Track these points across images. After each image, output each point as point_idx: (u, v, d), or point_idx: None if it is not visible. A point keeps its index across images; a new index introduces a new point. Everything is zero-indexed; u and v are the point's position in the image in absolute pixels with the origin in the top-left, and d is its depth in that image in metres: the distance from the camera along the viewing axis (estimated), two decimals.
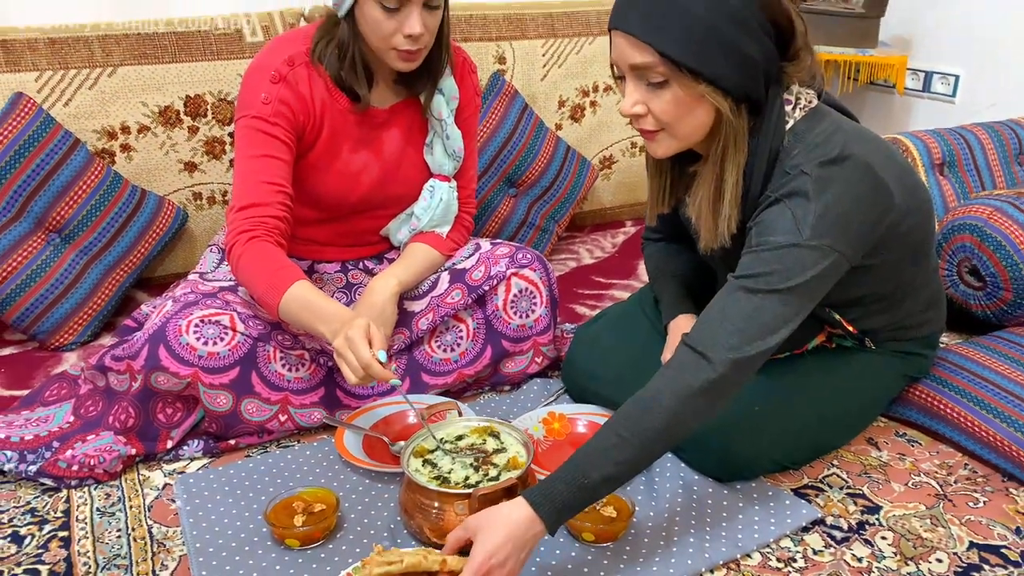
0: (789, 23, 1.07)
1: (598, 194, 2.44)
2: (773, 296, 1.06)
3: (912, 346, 1.36)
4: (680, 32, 1.02)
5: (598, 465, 1.00)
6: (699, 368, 1.03)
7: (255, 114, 1.39)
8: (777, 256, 1.06)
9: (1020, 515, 1.22)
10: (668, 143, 1.13)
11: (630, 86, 1.09)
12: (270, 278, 1.32)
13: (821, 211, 1.05)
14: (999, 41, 2.21)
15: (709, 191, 1.13)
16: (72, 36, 1.80)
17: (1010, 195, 1.69)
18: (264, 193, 1.38)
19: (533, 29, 2.24)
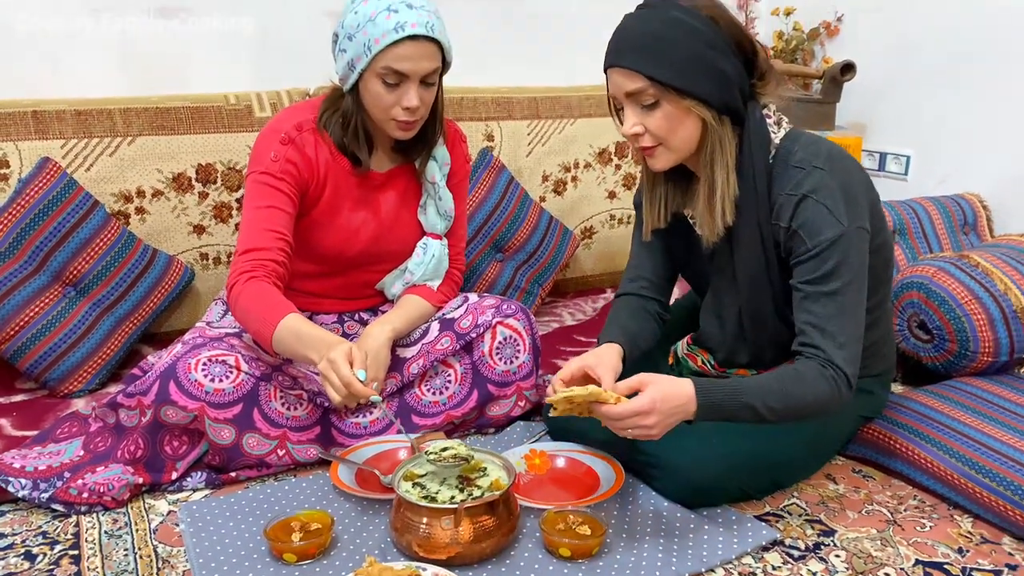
0: (752, 45, 1.29)
1: (579, 262, 2.59)
2: (851, 290, 1.27)
3: (867, 383, 1.49)
4: (663, 59, 1.23)
5: (753, 395, 1.24)
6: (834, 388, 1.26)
7: (264, 170, 1.55)
8: (837, 250, 1.26)
9: (963, 537, 1.33)
10: (665, 156, 1.32)
11: (628, 111, 1.30)
12: (265, 312, 1.44)
13: (844, 196, 1.27)
14: (944, 126, 2.42)
15: (705, 191, 1.32)
16: (97, 108, 1.96)
17: (953, 257, 1.85)
18: (265, 239, 1.51)
19: (519, 111, 2.44)
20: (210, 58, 2.21)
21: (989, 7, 2.28)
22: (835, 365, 1.26)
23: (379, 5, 1.46)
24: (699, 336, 1.51)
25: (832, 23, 2.70)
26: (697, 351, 1.52)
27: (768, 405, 1.24)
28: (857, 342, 1.28)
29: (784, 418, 1.27)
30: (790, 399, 1.25)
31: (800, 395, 1.25)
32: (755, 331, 1.39)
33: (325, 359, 1.34)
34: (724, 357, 1.46)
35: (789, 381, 1.26)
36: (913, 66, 2.49)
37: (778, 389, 1.25)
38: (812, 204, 1.27)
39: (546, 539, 1.25)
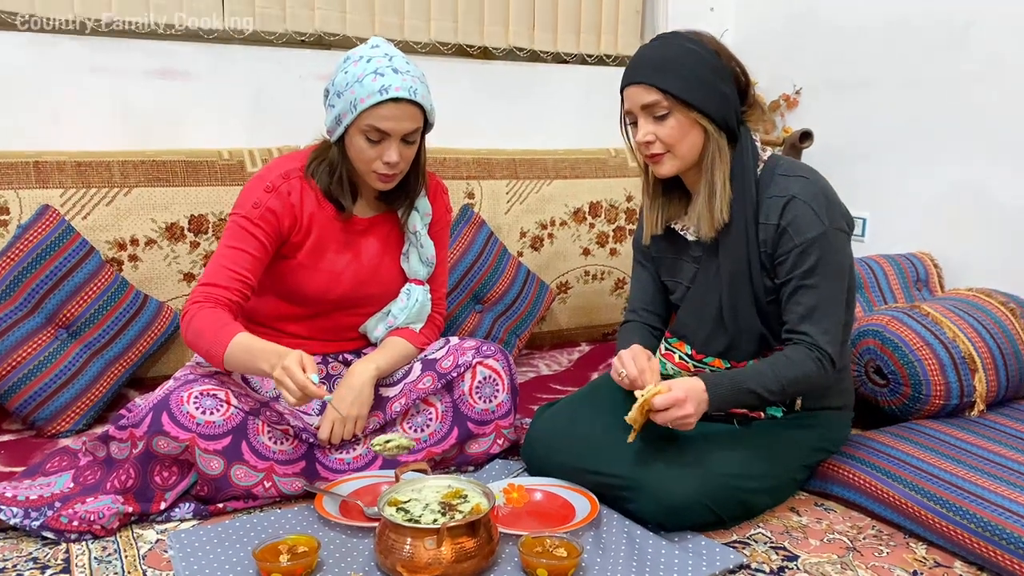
0: (746, 77, 1.53)
1: (555, 316, 2.69)
2: (833, 282, 1.47)
3: (828, 416, 1.61)
4: (675, 76, 1.46)
5: (753, 382, 1.46)
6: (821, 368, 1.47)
7: (244, 214, 1.64)
8: (820, 245, 1.46)
9: (917, 562, 1.40)
10: (671, 163, 1.52)
11: (642, 121, 1.51)
12: (216, 333, 1.53)
13: (825, 200, 1.48)
14: (896, 191, 2.59)
15: (705, 192, 1.52)
16: (96, 160, 2.06)
17: (905, 308, 1.97)
18: (224, 277, 1.61)
19: (499, 171, 2.57)
20: (205, 116, 2.32)
21: (932, 87, 2.47)
22: (820, 347, 1.47)
23: (367, 68, 1.58)
24: (675, 329, 1.66)
25: (791, 96, 2.89)
26: (673, 346, 1.64)
27: (767, 388, 1.46)
28: (838, 328, 1.49)
29: (782, 397, 1.50)
30: (784, 380, 1.46)
31: (792, 376, 1.47)
32: (732, 321, 1.55)
33: (279, 367, 1.43)
34: (701, 345, 1.60)
35: (781, 366, 1.47)
36: (866, 136, 2.67)
37: (772, 374, 1.47)
38: (798, 204, 1.47)
39: (524, 561, 1.31)
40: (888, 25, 2.58)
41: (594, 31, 2.91)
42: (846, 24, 2.71)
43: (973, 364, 1.84)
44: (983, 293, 2.09)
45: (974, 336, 1.88)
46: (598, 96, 2.74)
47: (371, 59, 1.59)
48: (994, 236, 2.36)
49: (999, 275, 2.27)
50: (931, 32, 2.47)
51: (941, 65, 2.46)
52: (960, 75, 2.41)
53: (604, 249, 2.73)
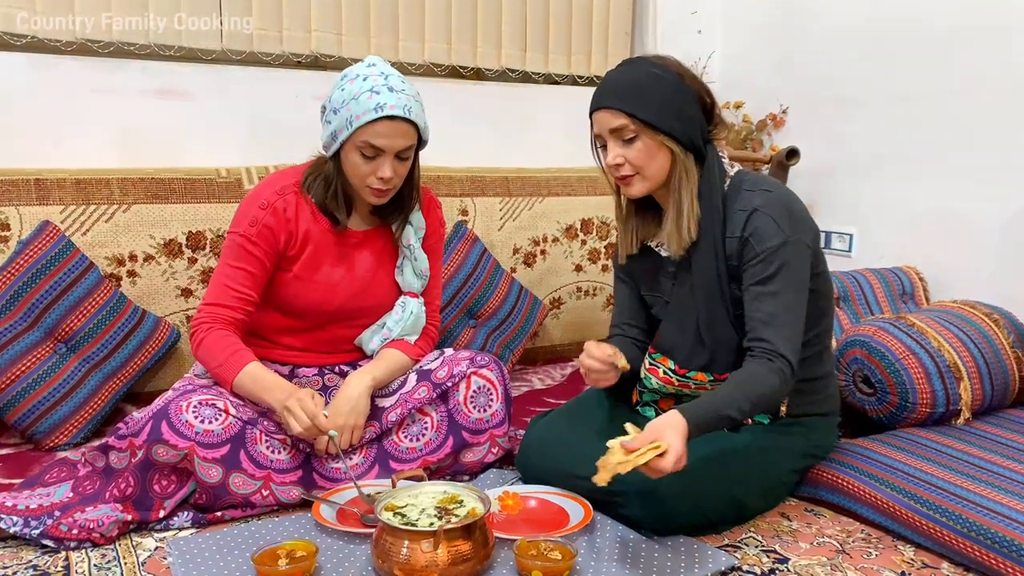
0: (711, 97, 1.57)
1: (548, 331, 2.72)
2: (791, 290, 1.49)
3: (814, 422, 1.63)
4: (642, 101, 1.49)
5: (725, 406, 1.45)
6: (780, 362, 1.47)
7: (242, 232, 1.68)
8: (778, 254, 1.49)
9: (905, 563, 1.43)
10: (641, 184, 1.55)
11: (611, 145, 1.54)
12: (227, 358, 1.61)
13: (787, 212, 1.51)
14: (883, 207, 2.64)
15: (673, 213, 1.55)
16: (95, 177, 2.09)
17: (891, 318, 2.01)
18: (228, 296, 1.67)
19: (492, 189, 2.61)
20: (204, 136, 2.37)
21: (915, 106, 2.53)
22: (779, 354, 1.47)
23: (363, 86, 1.62)
24: (658, 344, 1.68)
25: (778, 115, 2.95)
26: (658, 361, 1.66)
27: (740, 409, 1.46)
28: (798, 336, 1.50)
29: (754, 414, 1.54)
30: (750, 396, 1.47)
31: (757, 391, 1.47)
32: (710, 335, 1.57)
33: (293, 397, 1.52)
34: (683, 360, 1.62)
35: (745, 384, 1.48)
36: (852, 153, 2.73)
37: (739, 395, 1.46)
38: (760, 216, 1.51)
39: (519, 563, 1.33)
40: (871, 46, 2.65)
41: (584, 53, 2.98)
42: (831, 45, 2.78)
43: (958, 372, 1.88)
44: (967, 305, 2.13)
45: (958, 345, 1.92)
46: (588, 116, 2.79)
47: (367, 77, 1.63)
48: (977, 250, 2.41)
49: (983, 288, 2.31)
50: (913, 53, 2.54)
51: (923, 84, 2.52)
52: (942, 94, 2.47)
53: (596, 265, 2.77)
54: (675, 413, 1.40)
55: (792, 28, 2.90)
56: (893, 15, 2.58)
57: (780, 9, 2.94)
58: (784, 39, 2.93)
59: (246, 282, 1.67)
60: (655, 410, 1.69)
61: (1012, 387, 2.00)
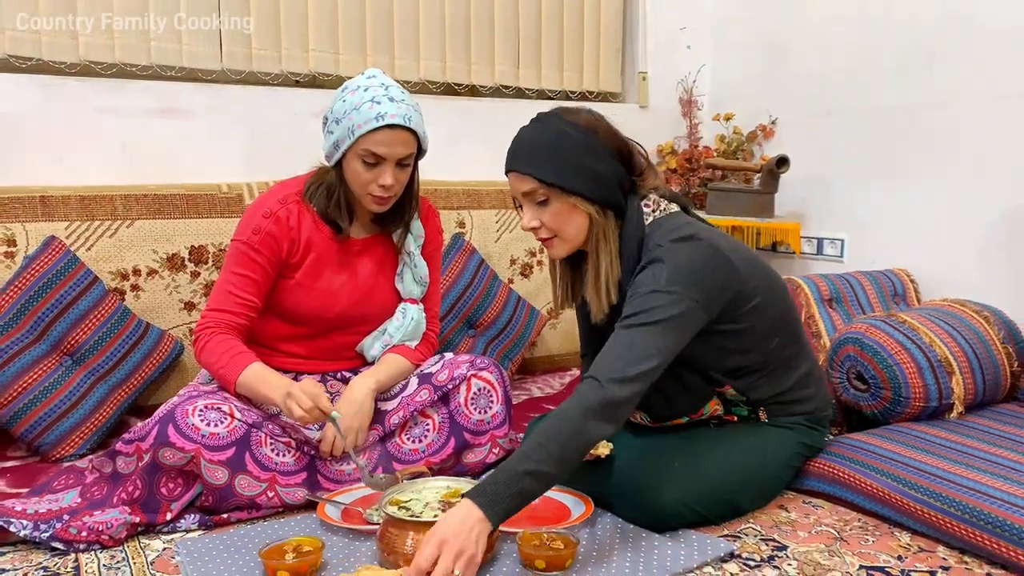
0: (627, 148, 1.52)
1: (546, 342, 2.75)
2: (642, 329, 1.39)
3: (801, 420, 1.65)
4: (549, 164, 1.47)
5: (524, 461, 1.29)
6: (595, 390, 1.34)
7: (245, 240, 1.72)
8: (642, 300, 1.42)
9: (902, 548, 1.45)
10: (560, 246, 1.54)
11: (525, 208, 1.54)
12: (230, 360, 1.65)
13: (672, 270, 1.43)
14: (873, 212, 2.69)
15: (592, 275, 1.52)
16: (99, 194, 2.13)
17: (883, 316, 2.05)
18: (231, 303, 1.71)
19: (488, 201, 2.66)
20: (205, 153, 2.41)
21: (901, 113, 2.59)
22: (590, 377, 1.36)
23: (364, 96, 1.67)
24: None
25: (767, 125, 3.01)
26: (635, 414, 1.66)
27: (538, 459, 1.28)
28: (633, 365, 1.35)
29: (569, 456, 1.31)
30: (561, 435, 1.30)
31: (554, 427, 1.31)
32: (670, 387, 1.53)
33: (297, 386, 1.55)
34: (655, 416, 1.63)
35: (551, 422, 1.33)
36: (841, 161, 2.78)
37: (544, 440, 1.30)
38: (645, 271, 1.46)
39: (522, 554, 1.35)
40: (858, 57, 2.71)
41: (576, 69, 3.04)
42: (818, 57, 2.84)
43: (950, 367, 1.91)
44: (957, 303, 2.17)
45: (949, 341, 1.96)
46: None
47: (368, 88, 1.68)
48: (966, 252, 2.45)
49: (973, 288, 2.35)
50: (898, 62, 2.60)
51: (908, 93, 2.58)
52: (926, 102, 2.53)
53: None
54: (463, 501, 1.27)
55: (780, 41, 2.97)
56: (878, 27, 2.65)
57: (767, 23, 3.01)
58: (772, 52, 3.00)
59: (249, 288, 1.71)
60: None
61: (1003, 382, 2.04)
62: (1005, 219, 2.35)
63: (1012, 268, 2.31)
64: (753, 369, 1.57)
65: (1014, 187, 2.31)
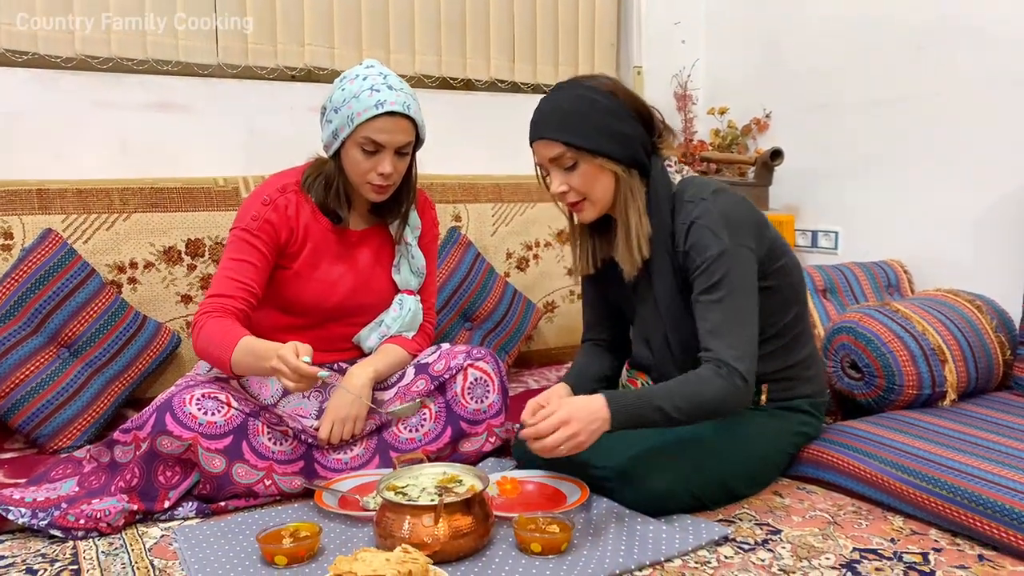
0: (647, 110, 1.56)
1: (543, 335, 2.76)
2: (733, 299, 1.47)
3: (802, 403, 1.67)
4: (574, 127, 1.50)
5: (660, 398, 1.43)
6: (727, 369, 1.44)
7: (243, 227, 1.73)
8: (717, 264, 1.48)
9: (895, 531, 1.46)
10: (590, 208, 1.57)
11: (553, 175, 1.55)
12: (222, 339, 1.61)
13: (724, 220, 1.49)
14: (867, 204, 2.71)
15: (622, 233, 1.56)
16: (96, 188, 2.14)
17: (876, 305, 2.06)
18: (231, 287, 1.69)
19: (484, 195, 2.67)
20: (201, 147, 2.42)
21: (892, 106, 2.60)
22: (726, 363, 1.44)
23: (363, 85, 1.68)
24: (633, 360, 1.71)
25: (762, 119, 3.02)
26: (636, 375, 1.69)
27: (675, 405, 1.42)
28: (747, 342, 1.47)
29: (692, 416, 1.44)
30: (692, 397, 1.44)
31: (699, 393, 1.44)
32: (680, 350, 1.59)
33: (275, 357, 1.50)
34: (657, 377, 1.64)
35: (689, 383, 1.46)
36: (834, 154, 2.79)
37: (679, 391, 1.44)
38: (698, 228, 1.51)
39: (518, 537, 1.37)
40: (850, 51, 2.73)
41: (571, 63, 3.05)
42: (811, 51, 2.86)
43: (943, 355, 1.93)
44: (950, 292, 2.18)
45: (942, 329, 1.97)
46: None
47: (367, 77, 1.69)
48: (959, 242, 2.46)
49: (966, 279, 2.36)
50: (890, 54, 2.61)
51: (900, 86, 2.59)
52: (917, 95, 2.54)
53: None
54: (599, 397, 1.41)
55: (773, 36, 2.98)
56: (870, 20, 2.66)
57: (761, 18, 3.03)
58: (765, 46, 3.02)
59: (249, 274, 1.71)
60: None
61: (996, 370, 2.05)
62: (997, 209, 2.37)
63: (1004, 258, 2.32)
64: (768, 338, 1.60)
65: (1006, 177, 2.32)
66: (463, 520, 1.34)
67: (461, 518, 1.34)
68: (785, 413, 1.66)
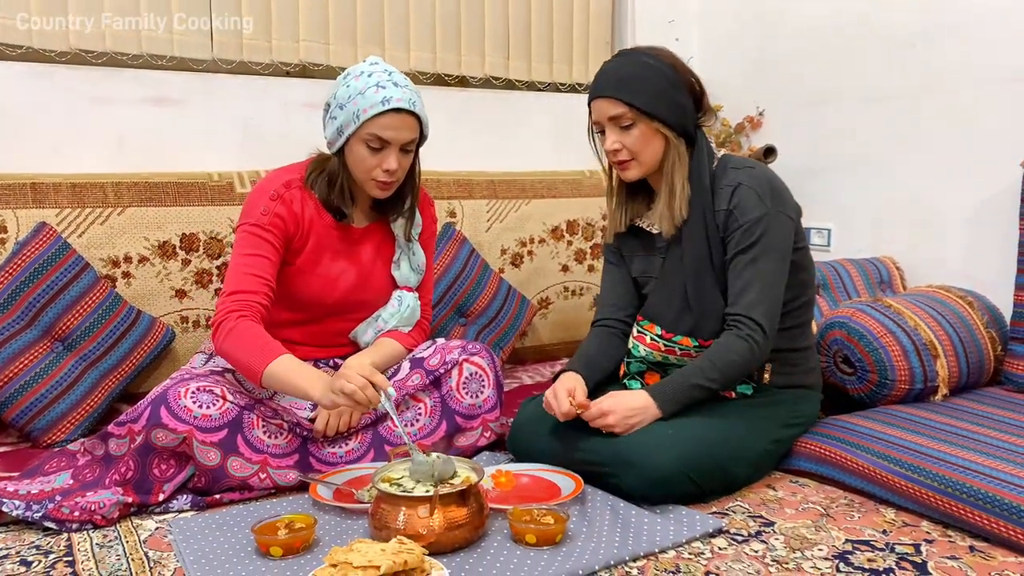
0: (700, 87, 1.68)
1: (537, 331, 2.77)
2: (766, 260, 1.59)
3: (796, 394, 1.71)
4: (638, 90, 1.60)
5: (695, 376, 1.58)
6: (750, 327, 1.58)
7: (254, 222, 1.72)
8: (757, 225, 1.59)
9: (887, 523, 1.48)
10: (637, 168, 1.67)
11: (609, 132, 1.65)
12: (259, 349, 1.58)
13: (770, 187, 1.62)
14: (858, 204, 2.72)
15: (666, 193, 1.66)
16: (91, 182, 2.13)
17: (869, 301, 2.08)
18: (251, 283, 1.67)
19: (479, 191, 2.67)
20: (195, 142, 2.41)
21: (885, 103, 2.62)
22: (751, 319, 1.56)
23: (369, 82, 1.68)
24: (645, 312, 1.75)
25: (755, 117, 3.03)
26: (644, 328, 1.73)
27: (709, 377, 1.58)
28: (774, 303, 1.60)
29: (726, 381, 1.60)
30: (722, 365, 1.58)
31: (725, 358, 1.59)
32: (697, 301, 1.65)
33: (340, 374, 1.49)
34: (669, 324, 1.69)
35: (716, 354, 1.60)
36: (827, 151, 2.81)
37: (709, 364, 1.59)
38: (744, 190, 1.62)
39: (513, 528, 1.37)
40: (842, 49, 2.74)
41: (566, 61, 3.06)
42: (803, 49, 2.87)
43: (934, 350, 1.94)
44: (942, 289, 2.20)
45: (934, 324, 1.98)
46: (570, 121, 2.84)
47: (372, 74, 1.69)
48: (951, 239, 2.48)
49: (958, 276, 2.38)
50: (881, 54, 2.63)
51: (891, 84, 2.61)
52: (908, 92, 2.56)
53: (582, 266, 2.83)
54: (641, 392, 1.57)
55: (766, 34, 3.00)
56: (862, 18, 2.67)
57: (753, 16, 3.04)
58: (758, 44, 3.03)
59: (266, 268, 1.68)
60: (641, 383, 1.74)
61: (987, 366, 2.07)
62: (988, 207, 2.38)
63: (995, 255, 2.34)
64: (782, 314, 1.66)
65: (997, 174, 2.34)
66: (458, 511, 1.34)
67: (456, 509, 1.34)
68: (783, 400, 1.68)
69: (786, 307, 1.67)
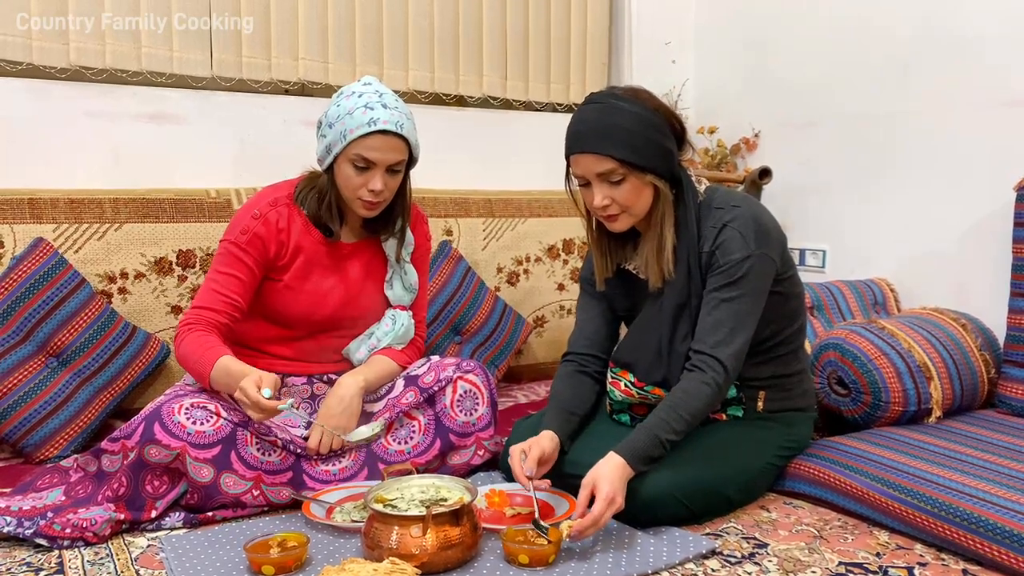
0: (679, 122, 1.59)
1: (532, 349, 2.77)
2: (739, 301, 1.53)
3: (791, 417, 1.70)
4: (626, 144, 1.51)
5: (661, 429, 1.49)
6: (714, 369, 1.52)
7: (233, 240, 1.74)
8: (739, 267, 1.53)
9: (880, 546, 1.47)
10: (626, 220, 1.60)
11: (596, 188, 1.56)
12: (203, 355, 1.63)
13: (755, 227, 1.55)
14: (853, 224, 2.74)
15: (653, 246, 1.60)
16: (88, 197, 2.14)
17: (863, 322, 2.09)
18: (216, 301, 1.71)
19: (475, 210, 2.68)
20: (194, 159, 2.43)
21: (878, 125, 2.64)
22: (715, 358, 1.52)
23: (358, 102, 1.69)
24: (618, 358, 1.72)
25: (750, 138, 3.06)
26: (618, 375, 1.71)
27: (676, 430, 1.50)
28: (743, 344, 1.55)
29: (690, 428, 1.53)
30: (688, 415, 1.51)
31: (692, 408, 1.52)
32: (670, 350, 1.61)
33: (238, 388, 1.52)
34: (642, 374, 1.66)
35: (681, 403, 1.52)
36: (822, 172, 2.83)
37: (676, 416, 1.51)
38: (729, 230, 1.57)
39: (506, 549, 1.37)
40: (838, 69, 2.77)
41: (563, 81, 3.08)
42: (798, 71, 2.90)
43: (928, 372, 1.95)
44: (936, 311, 2.21)
45: (928, 347, 1.99)
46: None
47: (362, 94, 1.70)
48: (944, 261, 2.49)
49: (951, 298, 2.39)
50: (874, 75, 2.65)
51: (885, 104, 2.63)
52: (903, 112, 2.58)
53: (578, 285, 2.83)
54: (612, 456, 1.46)
55: (761, 56, 3.02)
56: (856, 39, 2.70)
57: (749, 38, 3.07)
58: (754, 66, 3.05)
59: (234, 287, 1.72)
60: (629, 416, 1.74)
61: (981, 388, 2.07)
62: (982, 228, 2.40)
63: (989, 277, 2.35)
64: (774, 344, 1.66)
65: (991, 195, 2.35)
66: (451, 531, 1.34)
67: (449, 528, 1.34)
68: (776, 424, 1.68)
69: (778, 336, 1.66)
